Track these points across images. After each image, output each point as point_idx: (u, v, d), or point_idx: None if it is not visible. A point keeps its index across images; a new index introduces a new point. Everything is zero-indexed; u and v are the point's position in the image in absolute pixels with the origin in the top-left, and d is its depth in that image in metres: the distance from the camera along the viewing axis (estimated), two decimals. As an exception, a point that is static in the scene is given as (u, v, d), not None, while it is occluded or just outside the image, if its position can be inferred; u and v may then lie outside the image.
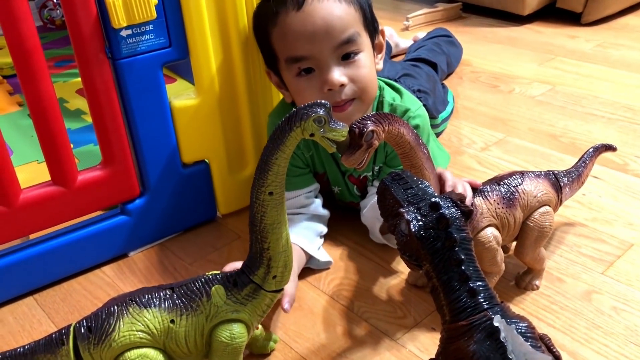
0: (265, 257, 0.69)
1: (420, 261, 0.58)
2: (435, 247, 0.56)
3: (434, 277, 0.57)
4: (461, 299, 0.55)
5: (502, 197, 0.84)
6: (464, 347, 0.54)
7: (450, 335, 0.56)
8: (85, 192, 0.96)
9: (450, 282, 0.56)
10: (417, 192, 0.61)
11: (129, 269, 1.02)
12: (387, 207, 0.63)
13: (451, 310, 0.56)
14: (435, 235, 0.56)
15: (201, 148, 1.05)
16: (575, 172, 0.93)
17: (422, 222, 0.57)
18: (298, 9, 0.89)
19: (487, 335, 0.53)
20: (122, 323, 0.67)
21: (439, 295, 0.57)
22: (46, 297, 0.97)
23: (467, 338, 0.54)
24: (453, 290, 0.56)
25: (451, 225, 0.57)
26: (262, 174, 0.65)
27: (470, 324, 0.54)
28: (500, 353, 0.52)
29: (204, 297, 0.69)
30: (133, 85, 0.93)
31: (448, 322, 0.57)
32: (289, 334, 0.86)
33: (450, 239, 0.56)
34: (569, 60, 1.74)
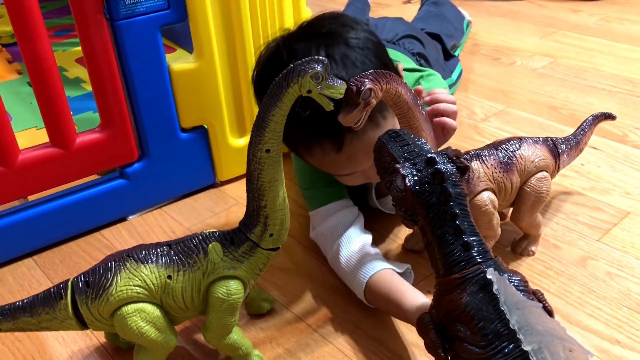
0: (262, 215, 0.69)
1: (415, 216, 0.58)
2: (430, 201, 0.57)
3: (429, 232, 0.58)
4: (455, 253, 0.56)
5: (499, 162, 0.84)
6: (457, 299, 0.55)
7: (444, 288, 0.57)
8: (84, 155, 0.96)
9: (444, 236, 0.56)
10: (414, 149, 0.60)
11: (128, 232, 1.02)
12: (384, 164, 0.63)
13: (445, 263, 0.57)
14: (430, 190, 0.57)
15: (200, 113, 1.05)
16: (574, 140, 0.93)
17: (417, 177, 0.57)
18: (337, 151, 0.80)
19: (480, 287, 0.54)
20: (120, 278, 0.68)
21: (433, 250, 0.58)
22: (45, 258, 0.97)
23: (460, 290, 0.54)
24: (447, 244, 0.56)
25: (446, 180, 0.57)
26: (259, 131, 0.65)
27: (464, 276, 0.55)
28: (493, 305, 0.52)
29: (200, 254, 0.70)
30: (131, 47, 0.93)
31: (442, 275, 0.57)
32: (286, 296, 0.87)
33: (445, 194, 0.56)
34: (572, 34, 1.72)
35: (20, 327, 0.69)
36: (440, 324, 0.58)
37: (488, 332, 0.52)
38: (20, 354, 0.80)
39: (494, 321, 0.52)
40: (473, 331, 0.53)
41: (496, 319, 0.52)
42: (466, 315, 0.54)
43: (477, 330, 0.53)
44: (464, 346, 0.54)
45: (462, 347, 0.54)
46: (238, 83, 1.07)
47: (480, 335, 0.52)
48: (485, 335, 0.52)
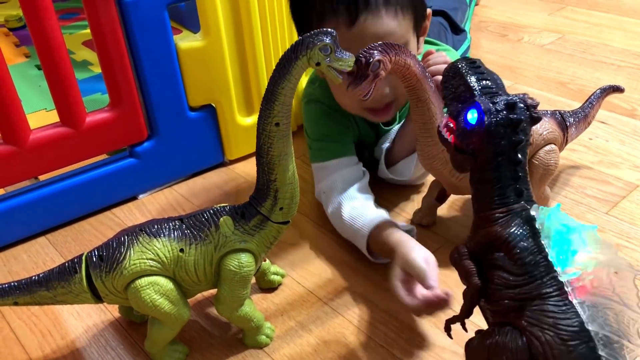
0: (272, 188, 0.70)
1: (477, 152, 0.58)
2: (500, 143, 0.56)
3: (487, 171, 0.57)
4: (506, 194, 0.57)
5: None
6: (500, 230, 0.56)
7: (487, 221, 0.57)
8: (94, 134, 0.97)
9: (502, 178, 0.57)
10: (492, 86, 0.59)
11: (139, 210, 1.04)
12: (456, 92, 0.60)
13: (493, 200, 0.57)
14: (504, 133, 0.56)
15: (208, 92, 1.05)
16: (582, 113, 0.93)
17: (496, 117, 0.56)
18: (349, 25, 0.81)
19: (523, 221, 0.55)
20: (133, 252, 0.69)
21: (484, 186, 0.58)
22: (58, 236, 0.99)
23: (504, 223, 0.56)
24: (502, 186, 0.57)
25: (520, 129, 0.56)
26: (268, 105, 0.66)
27: (509, 210, 0.56)
28: (534, 238, 0.54)
29: (212, 228, 0.71)
30: (139, 27, 0.93)
31: (485, 211, 0.58)
32: (297, 270, 0.88)
33: (517, 142, 0.56)
34: (580, 9, 1.71)
35: (36, 300, 0.71)
36: (475, 254, 0.59)
37: (527, 262, 0.54)
38: (37, 328, 0.82)
39: (533, 252, 0.54)
40: (512, 259, 0.55)
41: (536, 250, 0.54)
42: (507, 245, 0.55)
43: (516, 260, 0.54)
44: (499, 274, 0.55)
45: (498, 275, 0.56)
46: (245, 61, 1.07)
47: (518, 265, 0.54)
48: (524, 264, 0.54)
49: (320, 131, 0.97)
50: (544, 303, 0.52)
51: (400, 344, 0.75)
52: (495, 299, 0.56)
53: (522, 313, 0.53)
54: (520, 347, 0.53)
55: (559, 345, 0.50)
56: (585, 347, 0.50)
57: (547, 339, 0.51)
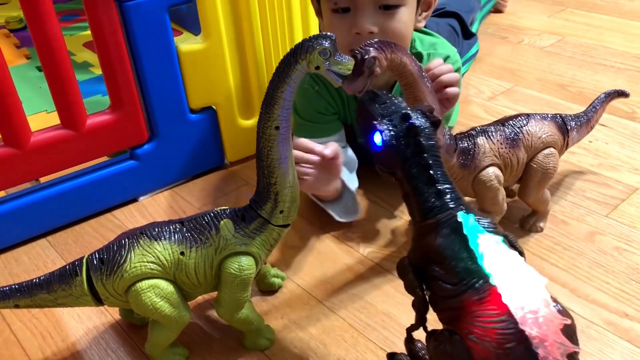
0: (272, 192, 0.70)
1: (393, 169, 0.61)
2: (405, 154, 0.59)
3: (405, 183, 0.60)
4: (430, 200, 0.59)
5: (505, 138, 0.84)
6: (432, 241, 0.58)
7: (420, 233, 0.60)
8: (95, 136, 0.97)
9: (419, 185, 0.59)
10: (391, 107, 0.62)
11: (140, 212, 1.04)
12: (364, 123, 0.63)
13: (421, 210, 0.59)
14: (405, 143, 0.59)
15: (208, 94, 1.06)
16: (585, 117, 0.93)
17: (393, 132, 0.60)
18: None
19: (451, 230, 0.57)
20: (134, 255, 0.69)
21: (410, 200, 0.61)
22: (59, 238, 0.99)
23: (435, 234, 0.58)
24: (422, 193, 0.59)
25: (420, 134, 0.59)
26: (268, 108, 0.66)
27: (438, 221, 0.58)
28: (464, 245, 0.56)
29: (212, 231, 0.71)
30: (140, 29, 0.94)
31: (418, 222, 0.60)
32: (296, 272, 0.88)
33: (419, 146, 0.59)
34: (580, 12, 1.71)
35: (37, 303, 0.71)
36: (418, 266, 0.60)
37: (459, 270, 0.55)
38: (38, 330, 0.82)
39: (464, 259, 0.55)
40: (446, 270, 0.56)
41: (467, 257, 0.55)
42: (440, 256, 0.57)
43: (450, 269, 0.56)
44: (439, 284, 0.57)
45: (438, 285, 0.57)
46: (246, 63, 1.07)
47: (452, 274, 0.55)
48: (457, 273, 0.55)
49: (310, 112, 1.00)
50: (479, 309, 0.53)
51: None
52: (439, 308, 0.58)
53: (461, 321, 0.54)
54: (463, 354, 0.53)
55: (496, 349, 0.51)
56: (522, 348, 0.51)
57: (485, 346, 0.52)
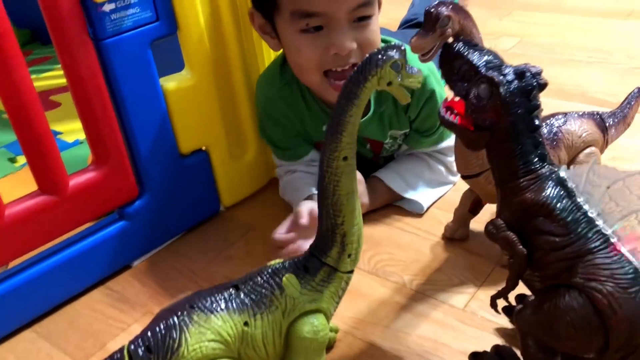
0: (339, 233, 0.60)
1: (496, 125, 0.57)
2: (518, 112, 0.56)
3: (508, 142, 0.58)
4: (531, 163, 0.57)
5: (545, 138, 0.79)
6: (535, 195, 0.56)
7: (515, 191, 0.57)
8: (79, 199, 0.83)
9: (524, 147, 0.57)
10: (494, 60, 0.60)
11: (138, 279, 0.90)
12: (462, 72, 0.60)
13: (517, 171, 0.58)
14: (519, 101, 0.56)
15: (199, 135, 0.94)
16: (621, 113, 0.89)
17: (509, 87, 0.56)
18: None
19: (556, 182, 0.56)
20: (189, 335, 0.56)
21: (505, 159, 0.58)
22: (49, 326, 0.83)
23: (537, 188, 0.56)
24: (526, 154, 0.57)
25: (532, 95, 0.57)
26: (334, 137, 0.56)
27: (538, 176, 0.57)
28: (571, 197, 0.55)
29: (276, 291, 0.60)
30: (121, 68, 0.81)
31: (512, 181, 0.58)
32: (347, 322, 0.77)
33: (533, 107, 0.57)
34: (526, 13, 1.73)
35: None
36: (513, 225, 0.58)
37: (569, 221, 0.54)
38: None
39: (573, 211, 0.55)
40: (554, 221, 0.55)
41: (575, 209, 0.55)
42: (546, 208, 0.55)
43: (558, 220, 0.55)
44: (544, 238, 0.55)
45: (543, 239, 0.56)
46: (235, 96, 0.96)
47: (561, 225, 0.55)
48: (567, 223, 0.54)
49: (286, 137, 0.96)
50: (595, 257, 0.53)
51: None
52: (544, 263, 0.56)
53: (575, 271, 0.53)
54: (583, 304, 0.53)
55: (622, 293, 0.51)
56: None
57: (608, 290, 0.52)
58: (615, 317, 0.52)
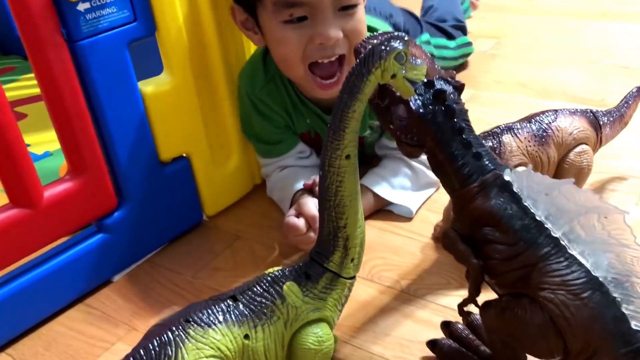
0: (341, 237, 0.57)
1: (421, 140, 0.58)
2: (436, 121, 0.57)
3: (438, 152, 0.58)
4: (468, 164, 0.56)
5: (533, 135, 0.78)
6: (481, 204, 0.55)
7: (464, 199, 0.57)
8: (55, 211, 0.78)
9: (454, 151, 0.57)
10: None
11: (120, 295, 0.84)
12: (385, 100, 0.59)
13: (460, 177, 0.57)
14: (434, 110, 0.57)
15: (180, 141, 0.89)
16: (617, 112, 0.88)
17: (420, 101, 0.57)
18: None
19: (500, 189, 0.55)
20: (186, 351, 0.52)
21: (445, 169, 0.58)
22: (24, 349, 0.77)
23: (482, 196, 0.55)
24: (459, 158, 0.57)
25: (447, 99, 0.57)
26: (336, 134, 0.53)
27: (482, 183, 0.56)
28: (517, 202, 0.54)
29: (277, 300, 0.56)
30: (97, 72, 0.77)
31: (458, 189, 0.57)
32: (345, 331, 0.74)
33: (450, 110, 0.57)
34: (502, 14, 1.73)
35: None
36: (465, 235, 0.57)
37: (517, 228, 0.53)
38: None
39: (521, 217, 0.53)
40: (502, 230, 0.54)
41: (522, 214, 0.53)
42: (493, 217, 0.54)
43: (507, 229, 0.54)
44: (494, 247, 0.54)
45: (493, 249, 0.54)
46: (217, 101, 0.92)
47: (510, 233, 0.53)
48: (515, 231, 0.53)
49: (271, 132, 0.94)
50: (545, 264, 0.52)
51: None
52: (497, 273, 0.55)
53: (528, 280, 0.53)
54: (538, 314, 0.52)
55: (574, 301, 0.50)
56: (598, 294, 0.50)
57: (560, 300, 0.51)
58: (569, 325, 0.51)
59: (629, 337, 0.49)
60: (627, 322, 0.49)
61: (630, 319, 0.49)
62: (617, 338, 0.49)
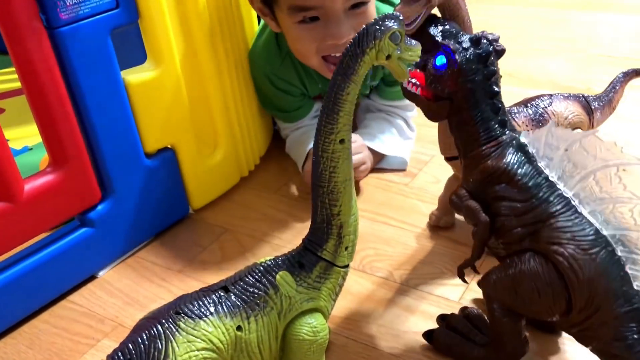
0: (335, 225, 0.56)
1: (452, 94, 0.58)
2: (475, 79, 0.57)
3: (466, 110, 0.58)
4: (492, 127, 0.58)
5: (530, 119, 0.77)
6: (496, 162, 0.56)
7: (480, 158, 0.58)
8: (36, 205, 0.75)
9: (483, 113, 0.58)
10: (451, 29, 0.59)
11: (105, 291, 0.82)
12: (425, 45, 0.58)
13: (479, 138, 0.58)
14: (476, 68, 0.57)
15: (165, 132, 0.87)
16: (606, 97, 0.87)
17: (466, 55, 0.57)
18: None
19: (517, 149, 0.56)
20: (176, 344, 0.50)
21: (467, 127, 0.58)
22: (7, 348, 0.74)
23: (498, 155, 0.57)
24: (486, 120, 0.58)
25: (490, 62, 0.57)
26: (330, 118, 0.52)
27: (499, 143, 0.57)
28: (531, 163, 0.56)
29: (270, 290, 0.54)
30: (79, 60, 0.74)
31: (475, 148, 0.58)
32: (338, 323, 0.72)
33: (490, 73, 0.57)
34: (486, 5, 1.73)
35: None
36: (475, 193, 0.58)
37: (530, 186, 0.54)
38: None
39: (533, 176, 0.55)
40: (515, 187, 0.55)
41: (535, 174, 0.55)
42: (507, 174, 0.56)
43: (520, 186, 0.55)
44: (506, 204, 0.56)
45: (504, 206, 0.56)
46: (204, 90, 0.90)
47: (522, 190, 0.55)
48: (528, 188, 0.55)
49: (292, 102, 1.00)
50: (556, 221, 0.53)
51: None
52: (506, 229, 0.56)
53: (538, 235, 0.54)
54: (546, 268, 0.53)
55: (583, 255, 0.51)
56: (605, 252, 0.51)
57: (570, 253, 0.52)
58: (577, 278, 0.52)
59: (630, 297, 0.50)
60: (630, 282, 0.50)
61: (634, 279, 0.51)
62: (619, 296, 0.51)
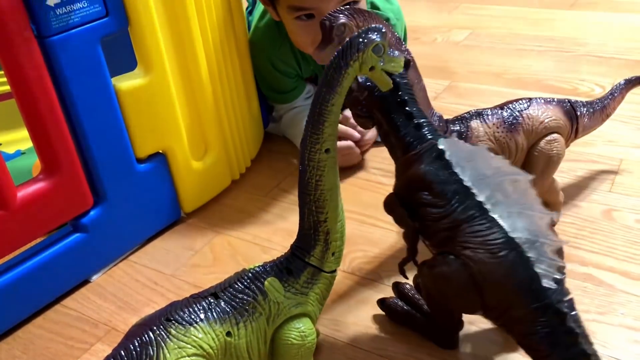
0: (322, 231, 0.57)
1: (370, 111, 0.63)
2: (381, 94, 0.61)
3: (384, 122, 0.63)
4: (409, 134, 0.62)
5: (503, 121, 0.79)
6: (417, 170, 0.60)
7: (404, 166, 0.62)
8: (29, 212, 0.76)
9: (397, 121, 0.62)
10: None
11: (98, 295, 0.83)
12: None
13: (402, 145, 0.63)
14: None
15: (156, 138, 0.88)
16: (600, 104, 0.88)
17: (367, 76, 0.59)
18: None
19: (434, 157, 0.60)
20: (167, 350, 0.51)
21: (390, 138, 0.64)
22: (1, 353, 0.76)
23: (418, 164, 0.61)
24: (401, 129, 0.62)
25: (392, 74, 0.60)
26: (315, 128, 0.53)
27: (419, 152, 0.61)
28: (447, 169, 0.59)
29: (259, 296, 0.56)
30: (69, 68, 0.75)
31: (401, 157, 0.63)
32: (326, 325, 0.74)
33: (395, 84, 0.61)
34: (474, 5, 1.74)
35: None
36: (404, 199, 0.63)
37: (447, 192, 0.58)
38: None
39: (450, 182, 0.58)
40: (434, 194, 0.59)
41: (452, 180, 0.58)
42: (426, 182, 0.59)
43: (437, 193, 0.59)
44: (428, 210, 0.59)
45: (427, 211, 0.60)
46: (195, 94, 0.91)
47: (440, 197, 0.58)
48: (445, 195, 0.58)
49: (287, 83, 1.08)
50: (469, 225, 0.56)
51: None
52: (430, 233, 0.61)
53: (454, 240, 0.57)
54: (460, 270, 0.56)
55: (491, 259, 0.55)
56: (514, 254, 0.54)
57: (479, 258, 0.55)
58: (485, 281, 0.56)
59: (538, 294, 0.54)
60: (538, 280, 0.54)
61: (541, 277, 0.54)
62: (528, 294, 0.54)
